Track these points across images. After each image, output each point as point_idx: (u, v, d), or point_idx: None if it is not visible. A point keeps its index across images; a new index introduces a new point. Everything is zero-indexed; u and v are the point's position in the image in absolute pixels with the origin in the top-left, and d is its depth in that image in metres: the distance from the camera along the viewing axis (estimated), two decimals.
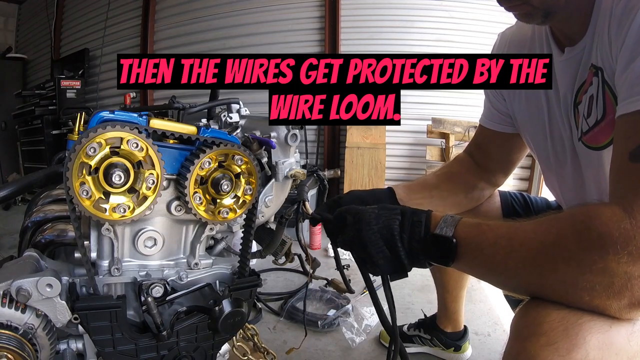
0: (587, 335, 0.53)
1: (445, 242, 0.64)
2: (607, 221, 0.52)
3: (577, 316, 0.55)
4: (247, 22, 3.77)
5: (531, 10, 0.72)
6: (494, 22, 3.24)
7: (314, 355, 1.52)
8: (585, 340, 0.53)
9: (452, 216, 0.67)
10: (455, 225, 0.65)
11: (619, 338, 0.54)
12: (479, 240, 0.63)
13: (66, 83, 4.19)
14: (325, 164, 3.61)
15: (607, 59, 0.68)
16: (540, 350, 0.54)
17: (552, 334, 0.54)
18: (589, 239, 0.52)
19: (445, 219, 0.67)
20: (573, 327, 0.54)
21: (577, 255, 0.53)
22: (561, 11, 0.72)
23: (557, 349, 0.53)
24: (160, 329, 0.71)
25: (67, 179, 0.61)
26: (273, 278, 2.21)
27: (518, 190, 3.22)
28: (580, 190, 0.87)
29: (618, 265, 0.50)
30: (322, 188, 1.01)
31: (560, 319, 0.55)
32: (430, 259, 0.67)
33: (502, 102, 1.04)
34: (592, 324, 0.54)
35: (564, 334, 0.53)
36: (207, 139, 0.71)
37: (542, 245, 0.56)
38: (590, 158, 0.79)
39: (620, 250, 0.50)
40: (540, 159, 1.00)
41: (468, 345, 1.50)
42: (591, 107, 0.74)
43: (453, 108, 3.34)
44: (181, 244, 0.81)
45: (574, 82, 0.80)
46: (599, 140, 0.75)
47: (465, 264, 0.65)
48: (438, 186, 1.09)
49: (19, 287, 0.63)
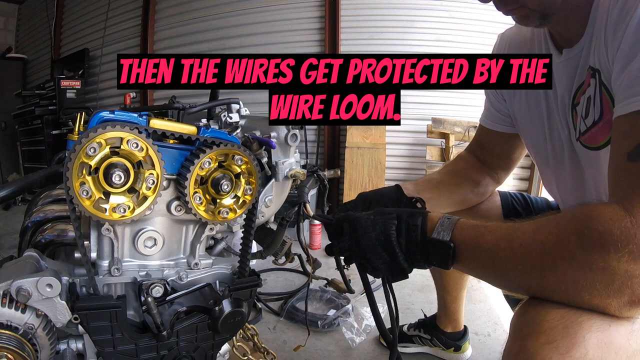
0: (586, 333, 0.53)
1: (443, 246, 0.64)
2: (608, 220, 0.52)
3: (576, 315, 0.55)
4: (247, 22, 3.77)
5: (528, 13, 0.73)
6: (494, 22, 3.23)
7: (314, 355, 1.52)
8: (584, 339, 0.53)
9: (449, 218, 0.67)
10: (452, 229, 0.64)
11: (618, 337, 0.55)
12: (477, 243, 0.62)
13: (66, 83, 4.19)
14: (325, 164, 3.61)
15: (604, 61, 0.69)
16: (540, 349, 0.54)
17: (552, 333, 0.54)
18: (590, 238, 0.53)
19: (442, 222, 0.66)
20: (572, 325, 0.54)
21: (578, 255, 0.53)
22: (558, 13, 0.72)
23: (557, 347, 0.53)
24: (160, 329, 0.71)
25: (67, 179, 0.61)
26: (273, 278, 2.21)
27: (518, 190, 3.24)
28: (579, 189, 0.88)
29: (619, 264, 0.51)
30: (322, 188, 1.01)
31: (560, 317, 0.55)
32: (429, 263, 0.67)
33: (502, 103, 1.05)
34: (591, 322, 0.54)
35: (563, 333, 0.54)
36: (207, 139, 0.71)
37: (543, 246, 0.56)
38: (589, 158, 0.80)
39: (621, 249, 0.50)
40: (538, 159, 1.01)
41: (468, 345, 1.50)
42: (589, 108, 0.75)
43: (453, 108, 3.34)
44: (181, 244, 0.81)
45: (572, 83, 0.81)
46: (596, 140, 0.76)
47: (465, 266, 0.65)
48: (445, 183, 1.10)
49: (19, 287, 0.63)
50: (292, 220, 0.87)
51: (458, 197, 1.10)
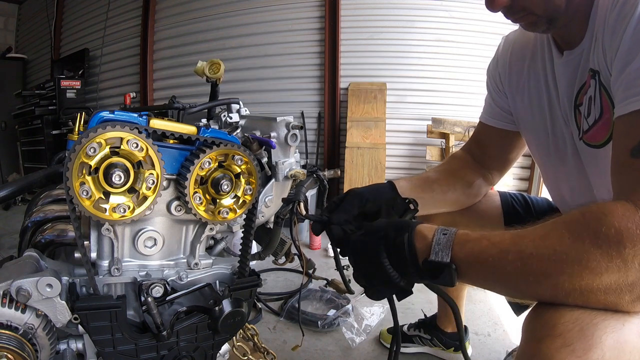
0: (602, 334, 0.53)
1: (444, 268, 0.60)
2: (621, 216, 0.53)
3: (590, 316, 0.55)
4: (247, 22, 3.77)
5: (536, 20, 0.76)
6: (494, 22, 3.23)
7: (314, 355, 1.52)
8: (601, 340, 0.53)
9: (445, 232, 0.63)
10: (451, 247, 0.61)
11: (632, 336, 0.55)
12: (482, 259, 0.60)
13: (66, 83, 4.19)
14: (325, 164, 3.61)
15: (602, 63, 0.71)
16: (557, 352, 0.54)
17: (568, 335, 0.54)
18: (606, 236, 0.53)
19: (439, 240, 0.62)
20: (588, 327, 0.54)
21: (594, 254, 0.53)
22: (562, 17, 0.75)
23: (574, 350, 0.53)
24: (160, 329, 0.71)
25: (67, 179, 0.61)
26: (273, 278, 2.21)
27: (518, 190, 3.24)
28: (582, 187, 0.90)
29: (634, 258, 0.51)
30: (322, 188, 1.01)
31: (575, 319, 0.55)
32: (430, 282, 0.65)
33: (504, 100, 1.06)
34: (606, 323, 0.54)
35: (579, 335, 0.53)
36: (207, 139, 0.71)
37: (555, 253, 0.55)
38: (592, 155, 0.82)
39: (637, 243, 0.51)
40: (540, 157, 1.02)
41: (468, 345, 1.50)
42: (590, 108, 0.77)
43: (453, 108, 3.34)
44: (181, 244, 0.81)
45: (574, 84, 0.83)
46: (597, 138, 0.78)
47: (469, 282, 0.63)
48: (439, 182, 1.09)
49: (19, 287, 0.63)
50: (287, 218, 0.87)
51: (451, 197, 1.09)
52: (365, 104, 3.38)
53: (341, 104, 3.55)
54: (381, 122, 3.30)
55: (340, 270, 0.87)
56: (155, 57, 4.24)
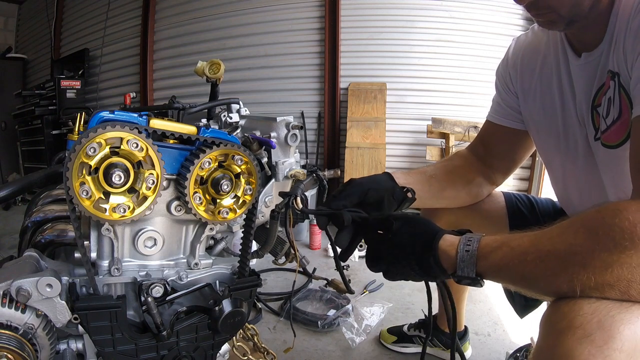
0: (620, 325, 0.55)
1: (471, 281, 0.67)
2: (635, 211, 0.54)
3: (607, 308, 0.56)
4: (247, 22, 3.77)
5: (556, 18, 0.77)
6: (494, 22, 3.24)
7: (314, 355, 1.52)
8: (619, 331, 0.54)
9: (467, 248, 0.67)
10: (475, 262, 0.66)
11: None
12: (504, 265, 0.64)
13: (66, 83, 4.19)
14: (325, 164, 3.60)
15: (622, 66, 0.74)
16: (578, 343, 0.55)
17: (588, 326, 0.55)
18: (620, 228, 0.54)
19: (462, 258, 0.66)
20: (606, 319, 0.55)
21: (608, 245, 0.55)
22: (583, 20, 0.77)
23: (594, 340, 0.54)
24: (160, 329, 0.71)
25: (67, 179, 0.61)
26: (273, 278, 2.21)
27: (518, 190, 3.23)
28: (591, 188, 0.91)
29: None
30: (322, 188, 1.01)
31: (592, 311, 0.56)
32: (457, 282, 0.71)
33: (514, 99, 1.06)
34: (622, 315, 0.56)
35: (598, 326, 0.55)
36: (207, 139, 0.71)
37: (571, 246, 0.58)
38: (607, 156, 0.83)
39: None
40: (548, 158, 1.02)
41: (468, 345, 1.50)
42: (609, 108, 0.79)
43: (453, 108, 3.34)
44: (181, 244, 0.81)
45: (592, 85, 0.84)
46: (615, 138, 0.80)
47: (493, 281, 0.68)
48: (437, 177, 1.09)
49: (19, 287, 0.63)
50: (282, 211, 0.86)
51: (449, 194, 1.09)
52: (365, 104, 3.38)
53: (341, 104, 3.55)
54: (381, 122, 3.30)
55: (340, 270, 0.87)
56: (155, 57, 4.24)
